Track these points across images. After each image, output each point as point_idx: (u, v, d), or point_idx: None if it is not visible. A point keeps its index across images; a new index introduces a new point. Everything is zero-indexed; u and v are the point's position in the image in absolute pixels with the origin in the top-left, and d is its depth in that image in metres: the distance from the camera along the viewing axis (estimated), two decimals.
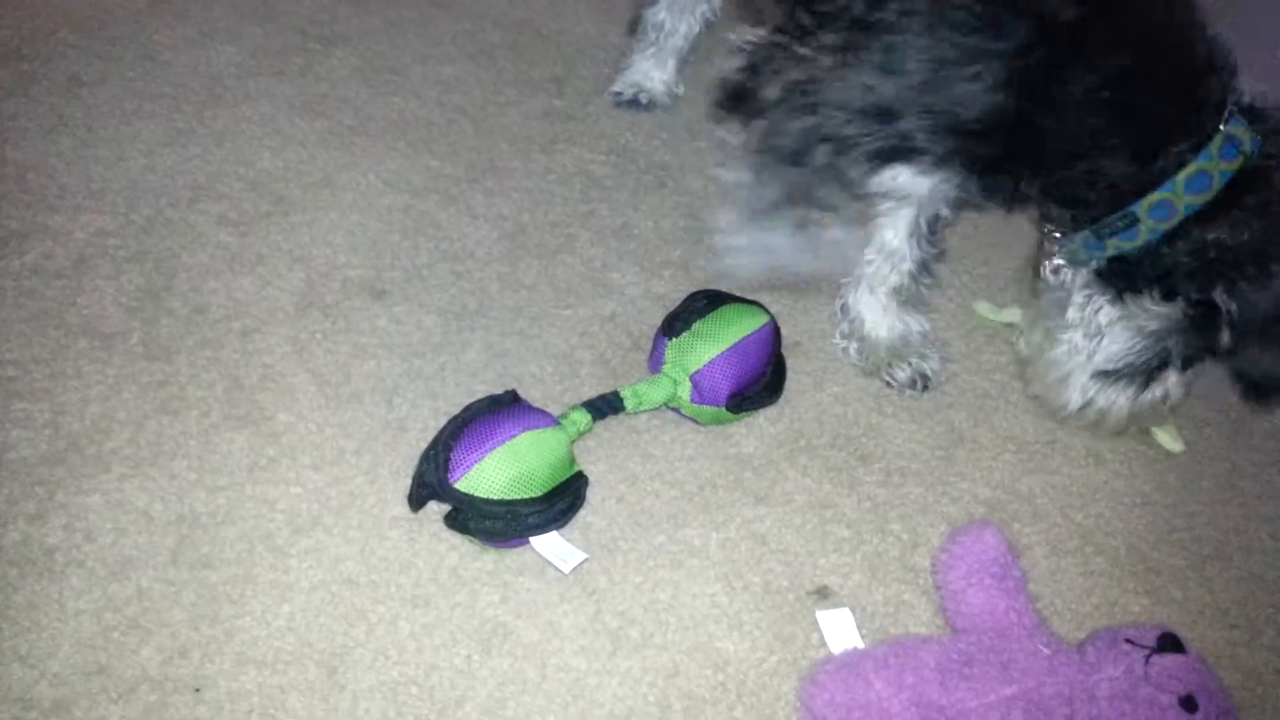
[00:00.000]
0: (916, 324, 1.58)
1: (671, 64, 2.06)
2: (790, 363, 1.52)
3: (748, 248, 1.46)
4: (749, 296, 1.47)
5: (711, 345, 1.39)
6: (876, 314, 1.56)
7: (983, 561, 1.20)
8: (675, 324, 1.42)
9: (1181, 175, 1.22)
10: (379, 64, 2.02)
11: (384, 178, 1.75)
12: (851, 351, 1.58)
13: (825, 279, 1.61)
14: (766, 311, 1.46)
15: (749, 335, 1.41)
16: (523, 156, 1.85)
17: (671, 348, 1.40)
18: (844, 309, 1.60)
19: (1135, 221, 1.27)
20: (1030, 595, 1.21)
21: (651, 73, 2.06)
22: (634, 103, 2.06)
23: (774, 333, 1.45)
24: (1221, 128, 1.22)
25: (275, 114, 1.85)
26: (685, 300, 1.46)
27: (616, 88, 2.07)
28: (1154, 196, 1.24)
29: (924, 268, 1.55)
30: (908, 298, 1.57)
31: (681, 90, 2.10)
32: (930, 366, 1.56)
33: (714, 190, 1.85)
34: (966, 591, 1.19)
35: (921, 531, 1.35)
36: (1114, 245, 1.30)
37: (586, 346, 1.52)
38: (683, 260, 1.70)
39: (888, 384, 1.55)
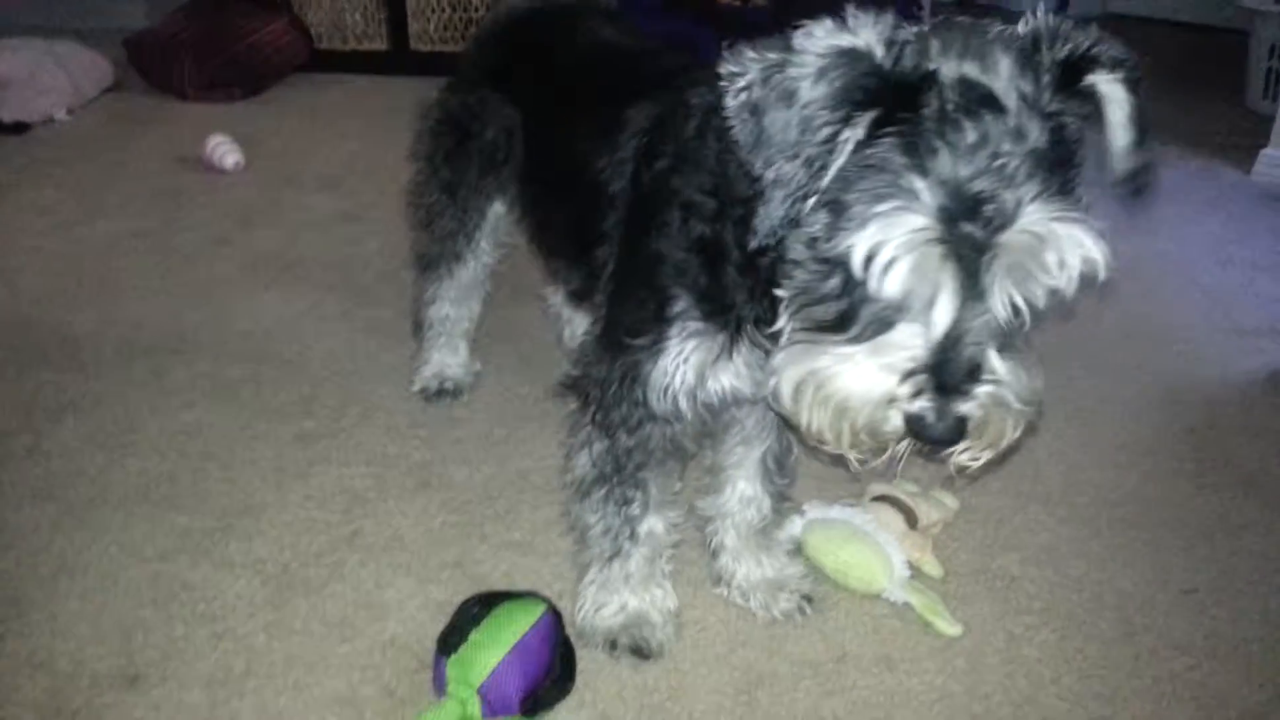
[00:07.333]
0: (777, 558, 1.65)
1: (463, 346, 2.15)
2: (578, 643, 1.50)
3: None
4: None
5: (492, 652, 1.36)
6: (749, 561, 1.64)
7: None
8: (451, 638, 1.39)
9: None
10: (113, 426, 1.97)
11: (128, 549, 1.66)
12: (735, 598, 1.63)
13: None
14: (544, 600, 1.45)
15: (529, 631, 1.40)
16: (277, 489, 1.82)
17: (452, 664, 1.37)
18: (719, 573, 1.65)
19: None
20: None
21: (448, 360, 2.14)
22: (441, 393, 2.12)
23: (555, 620, 1.45)
24: None
25: (2, 508, 1.75)
26: (458, 610, 1.43)
27: (419, 385, 2.12)
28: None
29: (780, 498, 1.64)
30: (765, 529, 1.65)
31: (479, 366, 2.17)
32: (808, 586, 1.63)
33: (479, 480, 1.88)
34: None
35: None
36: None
37: (369, 681, 1.45)
38: (457, 559, 1.69)
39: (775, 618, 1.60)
